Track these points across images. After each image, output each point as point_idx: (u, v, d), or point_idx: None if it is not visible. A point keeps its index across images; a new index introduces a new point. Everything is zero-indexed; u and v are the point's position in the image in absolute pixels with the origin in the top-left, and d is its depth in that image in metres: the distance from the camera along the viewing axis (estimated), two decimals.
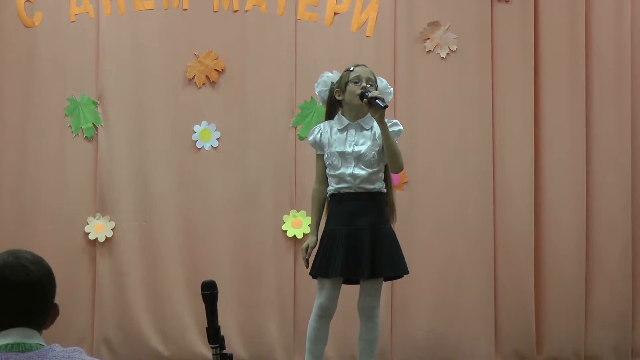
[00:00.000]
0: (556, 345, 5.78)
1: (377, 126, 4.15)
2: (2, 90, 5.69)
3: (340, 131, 4.25)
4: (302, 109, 5.71)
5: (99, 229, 5.64)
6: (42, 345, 2.10)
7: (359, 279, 4.23)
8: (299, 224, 5.67)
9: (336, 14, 5.76)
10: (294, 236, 5.67)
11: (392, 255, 4.19)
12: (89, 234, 5.64)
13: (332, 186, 4.24)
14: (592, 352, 5.81)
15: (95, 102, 5.69)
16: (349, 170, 4.20)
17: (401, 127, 4.26)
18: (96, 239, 5.64)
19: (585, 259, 5.79)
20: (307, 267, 4.27)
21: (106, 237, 5.64)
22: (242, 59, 5.73)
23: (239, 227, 5.70)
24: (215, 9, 5.73)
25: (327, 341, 4.30)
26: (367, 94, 4.11)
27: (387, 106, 4.08)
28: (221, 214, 5.69)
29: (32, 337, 2.10)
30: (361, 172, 4.19)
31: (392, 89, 4.42)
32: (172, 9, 5.72)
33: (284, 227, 5.68)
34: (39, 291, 2.12)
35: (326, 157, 4.27)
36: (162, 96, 5.70)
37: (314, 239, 4.26)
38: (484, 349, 5.74)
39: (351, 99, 4.20)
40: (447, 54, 5.77)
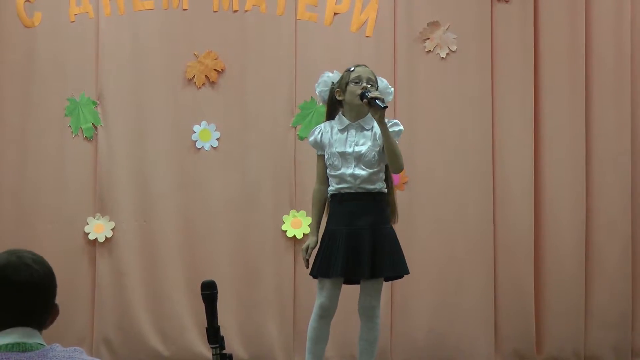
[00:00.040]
0: (556, 345, 5.78)
1: (377, 126, 4.16)
2: (1, 90, 5.69)
3: (340, 131, 4.24)
4: (301, 109, 5.71)
5: (99, 229, 5.64)
6: (43, 345, 2.10)
7: (359, 279, 4.24)
8: (298, 224, 5.66)
9: (336, 14, 5.76)
10: (294, 236, 5.67)
11: (393, 255, 4.19)
12: (88, 234, 5.64)
13: (333, 186, 4.24)
14: (592, 352, 5.81)
15: (95, 102, 5.69)
16: (350, 170, 4.19)
17: (401, 127, 4.26)
18: (96, 239, 5.64)
19: (585, 259, 5.79)
20: (307, 268, 4.27)
21: (106, 237, 5.64)
22: (242, 59, 5.73)
23: (238, 227, 5.70)
24: (215, 9, 5.73)
25: (328, 341, 4.30)
26: (367, 94, 4.10)
27: (387, 106, 4.08)
28: (221, 214, 5.69)
29: (32, 336, 2.10)
30: (362, 172, 4.18)
31: (392, 89, 4.41)
32: (171, 9, 5.72)
33: (284, 227, 5.68)
34: (42, 290, 2.12)
35: (327, 157, 4.26)
36: (162, 96, 5.70)
37: (315, 239, 4.26)
38: (484, 349, 5.74)
39: (352, 99, 4.20)
40: (447, 54, 5.77)
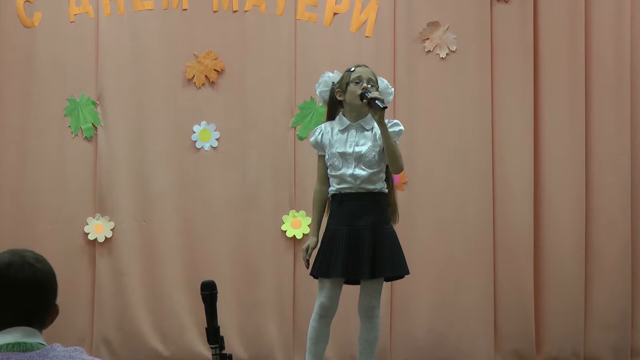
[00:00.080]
0: (555, 345, 5.78)
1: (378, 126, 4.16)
2: (1, 90, 5.69)
3: (341, 132, 4.24)
4: (301, 109, 5.71)
5: (99, 229, 5.64)
6: (43, 344, 2.10)
7: (359, 279, 4.24)
8: (298, 224, 5.66)
9: (336, 14, 5.76)
10: (294, 236, 5.67)
11: (393, 255, 4.18)
12: (88, 234, 5.64)
13: (334, 187, 4.24)
14: (592, 352, 5.81)
15: (94, 103, 5.69)
16: (350, 170, 4.19)
17: (402, 127, 4.25)
18: (96, 239, 5.64)
19: (584, 259, 5.79)
20: (308, 268, 4.27)
21: (106, 237, 5.64)
22: (242, 59, 5.73)
23: (238, 227, 5.70)
24: (214, 9, 5.73)
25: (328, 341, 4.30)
26: (367, 95, 4.11)
27: (387, 107, 4.08)
28: (221, 214, 5.69)
29: (33, 336, 2.10)
30: (362, 172, 4.18)
31: (392, 89, 4.41)
32: (171, 9, 5.72)
33: (284, 227, 5.68)
34: (45, 289, 2.13)
35: (327, 157, 4.26)
36: (162, 96, 5.70)
37: (315, 240, 4.26)
38: (484, 348, 5.74)
39: (352, 99, 4.20)
40: (447, 54, 5.77)
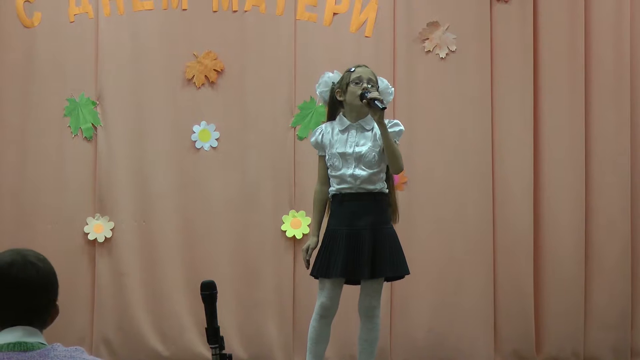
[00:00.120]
0: (555, 345, 5.78)
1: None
2: (1, 90, 5.69)
3: (341, 132, 4.24)
4: (301, 109, 5.71)
5: (98, 229, 5.64)
6: (44, 344, 2.10)
7: (359, 280, 4.24)
8: (298, 224, 5.66)
9: (335, 14, 5.76)
10: (293, 236, 5.67)
11: (393, 255, 4.18)
12: (88, 234, 5.64)
13: (334, 187, 4.24)
14: (591, 353, 5.81)
15: (94, 103, 5.69)
16: (350, 171, 4.19)
17: (402, 127, 4.25)
18: (95, 239, 5.64)
19: (584, 259, 5.79)
20: (308, 268, 4.27)
21: (105, 238, 5.64)
22: (241, 59, 5.73)
23: (238, 227, 5.70)
24: (214, 9, 5.73)
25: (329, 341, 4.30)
26: (367, 95, 4.11)
27: (386, 107, 4.08)
28: (220, 214, 5.69)
29: (34, 335, 2.10)
30: (362, 172, 4.18)
31: (392, 89, 4.41)
32: (171, 9, 5.72)
33: (283, 227, 5.68)
34: (46, 289, 2.13)
35: (327, 158, 4.26)
36: (161, 96, 5.70)
37: (315, 240, 4.26)
38: (484, 349, 5.74)
39: (352, 99, 4.20)
40: (447, 54, 5.77)
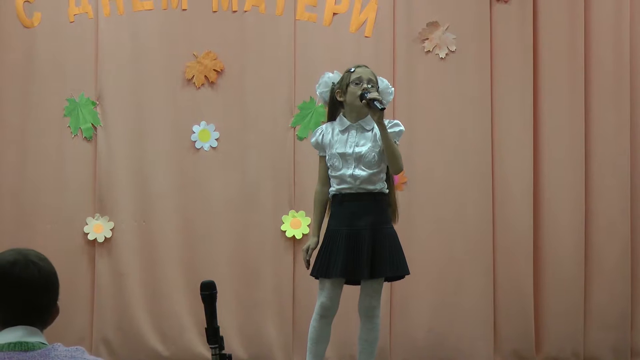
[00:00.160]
0: (555, 345, 5.78)
1: None
2: (1, 90, 5.69)
3: (341, 132, 4.24)
4: (301, 109, 5.71)
5: (98, 229, 5.64)
6: (45, 344, 2.09)
7: (359, 280, 4.23)
8: (298, 224, 5.66)
9: (335, 14, 5.76)
10: (293, 236, 5.67)
11: (393, 255, 4.18)
12: (88, 234, 5.64)
13: (334, 187, 4.24)
14: (591, 353, 5.81)
15: (94, 103, 5.69)
16: (350, 171, 4.19)
17: (402, 128, 4.25)
18: (95, 239, 5.64)
19: (584, 260, 5.79)
20: (308, 268, 4.27)
21: (105, 238, 5.64)
22: (241, 59, 5.73)
23: (238, 228, 5.70)
24: (214, 9, 5.73)
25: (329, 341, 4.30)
26: (366, 95, 4.11)
27: (385, 108, 4.08)
28: (220, 214, 5.69)
29: (35, 335, 2.10)
30: (362, 173, 4.18)
31: (392, 89, 4.41)
32: (171, 9, 5.72)
33: (283, 228, 5.68)
34: (48, 288, 2.13)
35: (327, 158, 4.26)
36: (161, 96, 5.70)
37: (315, 240, 4.26)
38: (483, 349, 5.74)
39: (352, 100, 4.20)
40: (446, 54, 5.77)
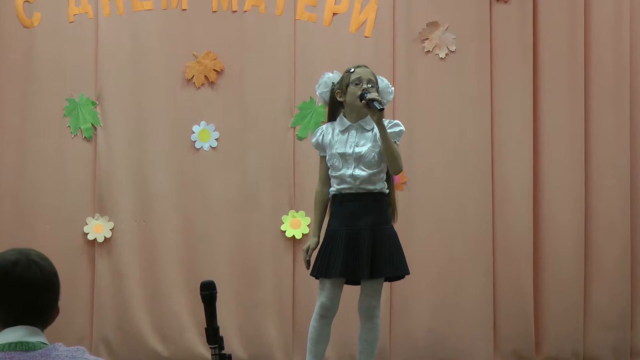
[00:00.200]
0: (555, 345, 5.78)
1: None
2: (1, 90, 5.69)
3: (342, 132, 4.24)
4: (301, 109, 5.71)
5: (98, 229, 5.64)
6: (46, 344, 2.09)
7: (359, 280, 4.23)
8: (297, 224, 5.66)
9: (335, 14, 5.76)
10: (293, 236, 5.67)
11: (393, 255, 4.18)
12: (87, 234, 5.64)
13: (334, 187, 4.24)
14: (591, 353, 5.81)
15: (94, 103, 5.69)
16: (350, 171, 4.19)
17: (402, 128, 4.25)
18: (95, 239, 5.64)
19: (584, 260, 5.79)
20: (308, 269, 4.27)
21: (105, 238, 5.64)
22: (241, 59, 5.73)
23: (237, 228, 5.70)
24: (214, 10, 5.73)
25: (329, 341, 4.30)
26: (366, 95, 4.10)
27: (383, 108, 4.07)
28: (220, 214, 5.69)
29: (36, 335, 2.10)
30: (362, 173, 4.18)
31: (392, 88, 4.41)
32: (171, 9, 5.72)
33: (283, 228, 5.68)
34: (49, 288, 2.13)
35: (328, 158, 4.26)
36: (161, 96, 5.70)
37: (315, 241, 4.26)
38: (483, 349, 5.74)
39: (352, 100, 4.20)
40: (446, 55, 5.77)
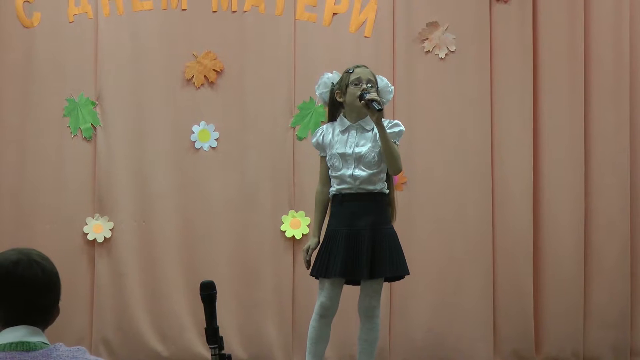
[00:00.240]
0: (555, 345, 5.78)
1: None
2: (1, 90, 5.69)
3: (342, 132, 4.24)
4: (300, 110, 5.71)
5: (98, 229, 5.64)
6: (46, 344, 2.09)
7: (359, 280, 4.23)
8: (297, 225, 5.66)
9: (335, 14, 5.76)
10: (293, 236, 5.67)
11: (393, 255, 4.18)
12: (87, 234, 5.64)
13: (334, 187, 4.24)
14: (591, 352, 5.81)
15: (93, 103, 5.69)
16: (349, 171, 4.19)
17: (402, 128, 4.25)
18: (95, 240, 5.64)
19: (584, 259, 5.79)
20: (308, 269, 4.27)
21: (105, 238, 5.63)
22: (241, 59, 5.73)
23: (237, 228, 5.69)
24: (214, 10, 5.73)
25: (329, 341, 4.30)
26: (365, 96, 4.10)
27: (382, 109, 4.07)
28: (220, 215, 5.69)
29: (36, 335, 2.10)
30: (361, 173, 4.18)
31: (392, 88, 4.41)
32: (170, 9, 5.72)
33: (283, 228, 5.68)
34: (50, 288, 2.13)
35: (328, 158, 4.27)
36: (161, 96, 5.70)
37: (316, 241, 4.26)
38: (483, 349, 5.73)
39: (352, 100, 4.19)
40: (446, 55, 5.76)
